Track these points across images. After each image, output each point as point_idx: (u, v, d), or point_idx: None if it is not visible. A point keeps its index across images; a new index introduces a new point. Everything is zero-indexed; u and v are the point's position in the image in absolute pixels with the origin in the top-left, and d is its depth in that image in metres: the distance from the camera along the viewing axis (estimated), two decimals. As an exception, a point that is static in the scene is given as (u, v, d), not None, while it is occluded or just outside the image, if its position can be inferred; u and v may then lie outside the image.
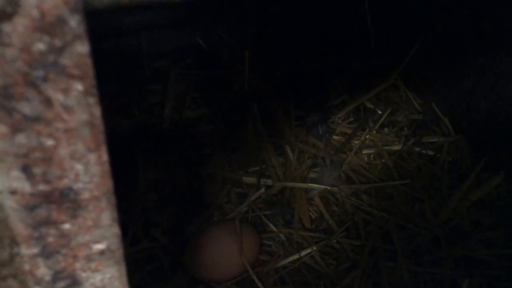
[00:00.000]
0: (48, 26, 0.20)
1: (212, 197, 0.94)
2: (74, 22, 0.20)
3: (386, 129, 1.09)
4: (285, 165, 1.00)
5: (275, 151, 1.02)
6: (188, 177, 0.97)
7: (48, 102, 0.21)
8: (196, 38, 1.25)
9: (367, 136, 1.07)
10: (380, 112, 1.12)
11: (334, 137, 1.07)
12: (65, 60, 0.21)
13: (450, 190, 0.98)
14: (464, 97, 1.06)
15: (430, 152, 1.05)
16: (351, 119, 1.11)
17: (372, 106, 1.12)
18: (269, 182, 0.97)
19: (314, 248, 0.88)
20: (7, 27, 0.19)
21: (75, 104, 0.21)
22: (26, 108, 0.21)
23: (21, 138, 0.22)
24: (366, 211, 0.94)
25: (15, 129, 0.21)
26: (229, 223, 0.84)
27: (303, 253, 0.87)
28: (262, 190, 0.95)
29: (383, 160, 1.03)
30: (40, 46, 0.20)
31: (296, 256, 0.86)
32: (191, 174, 0.98)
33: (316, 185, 0.97)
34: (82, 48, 0.21)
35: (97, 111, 0.22)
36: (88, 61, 0.21)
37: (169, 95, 1.10)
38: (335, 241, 0.89)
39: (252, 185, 0.97)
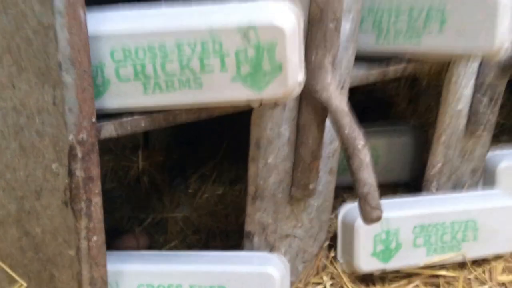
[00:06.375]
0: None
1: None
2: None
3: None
4: (164, 206, 1.78)
5: (157, 198, 1.81)
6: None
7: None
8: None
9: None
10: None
11: (189, 190, 1.87)
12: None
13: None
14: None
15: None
16: (199, 180, 1.92)
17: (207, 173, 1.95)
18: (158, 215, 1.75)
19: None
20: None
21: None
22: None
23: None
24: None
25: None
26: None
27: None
28: (150, 218, 1.73)
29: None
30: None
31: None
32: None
33: (181, 213, 1.76)
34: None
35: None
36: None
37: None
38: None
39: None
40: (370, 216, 1.07)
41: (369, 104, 2.31)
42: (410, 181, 1.87)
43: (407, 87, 2.53)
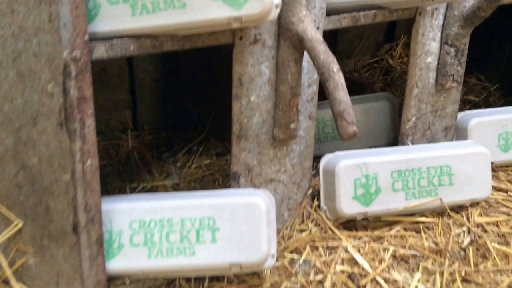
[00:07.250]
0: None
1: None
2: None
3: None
4: (153, 177, 1.82)
5: (147, 171, 1.85)
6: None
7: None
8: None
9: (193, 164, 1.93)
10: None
11: (178, 163, 1.92)
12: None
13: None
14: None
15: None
16: (187, 154, 1.97)
17: (195, 148, 2.00)
18: (148, 184, 1.78)
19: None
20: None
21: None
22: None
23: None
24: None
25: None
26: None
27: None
28: (140, 186, 1.77)
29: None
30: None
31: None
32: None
33: (170, 181, 1.80)
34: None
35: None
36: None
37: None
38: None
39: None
40: (347, 130, 1.12)
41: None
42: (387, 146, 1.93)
43: (382, 74, 2.64)
